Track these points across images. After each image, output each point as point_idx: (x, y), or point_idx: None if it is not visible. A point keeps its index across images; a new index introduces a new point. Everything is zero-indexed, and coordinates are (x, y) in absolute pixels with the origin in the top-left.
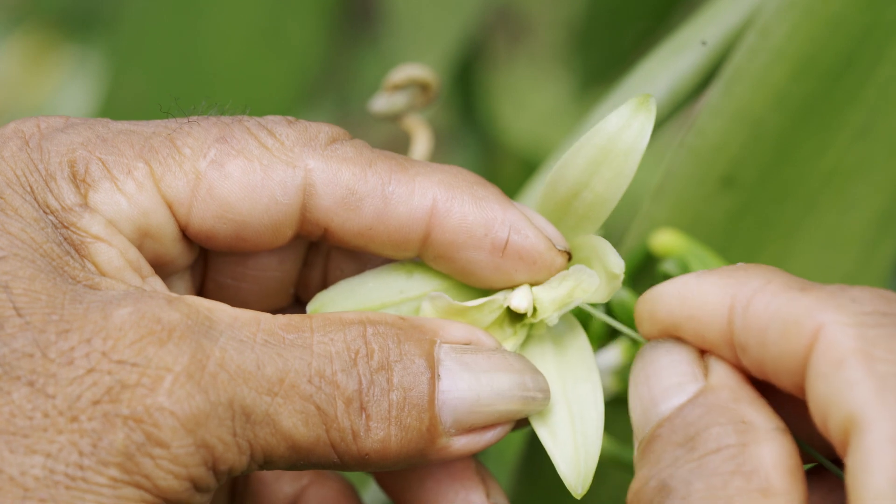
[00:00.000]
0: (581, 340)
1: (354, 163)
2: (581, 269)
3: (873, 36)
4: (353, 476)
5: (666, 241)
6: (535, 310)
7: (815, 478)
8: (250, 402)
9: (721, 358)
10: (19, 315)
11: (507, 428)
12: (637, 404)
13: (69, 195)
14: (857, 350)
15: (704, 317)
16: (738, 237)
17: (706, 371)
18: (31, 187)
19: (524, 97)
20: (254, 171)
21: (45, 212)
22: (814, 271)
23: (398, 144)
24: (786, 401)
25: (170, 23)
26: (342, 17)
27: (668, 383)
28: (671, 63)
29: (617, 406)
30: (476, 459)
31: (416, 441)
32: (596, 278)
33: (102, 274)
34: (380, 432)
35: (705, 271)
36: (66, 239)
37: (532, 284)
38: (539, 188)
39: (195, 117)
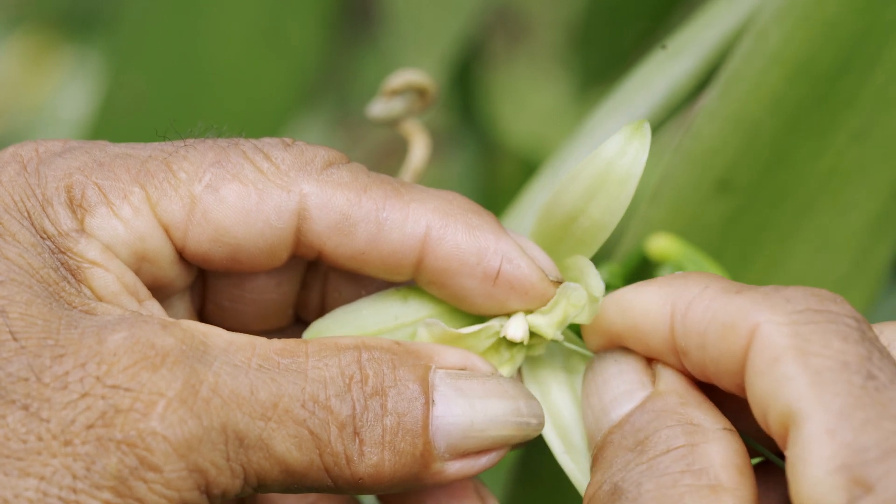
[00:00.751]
0: None
1: (349, 188)
2: (568, 286)
3: (869, 40)
4: None
5: (662, 245)
6: (531, 335)
7: (763, 472)
8: (243, 427)
9: (667, 364)
10: (15, 339)
11: (503, 453)
12: (589, 413)
13: (66, 220)
14: (792, 347)
15: (647, 326)
16: (734, 240)
17: (654, 378)
18: (28, 213)
19: (523, 98)
20: (248, 195)
21: (42, 237)
22: (809, 274)
23: (396, 149)
24: (730, 401)
25: (169, 23)
26: (342, 17)
27: (617, 391)
28: (668, 67)
29: None
30: (475, 477)
31: (410, 466)
32: (582, 293)
33: (99, 299)
34: (373, 457)
35: (643, 282)
36: (62, 264)
37: (526, 312)
38: (535, 214)
39: (192, 140)
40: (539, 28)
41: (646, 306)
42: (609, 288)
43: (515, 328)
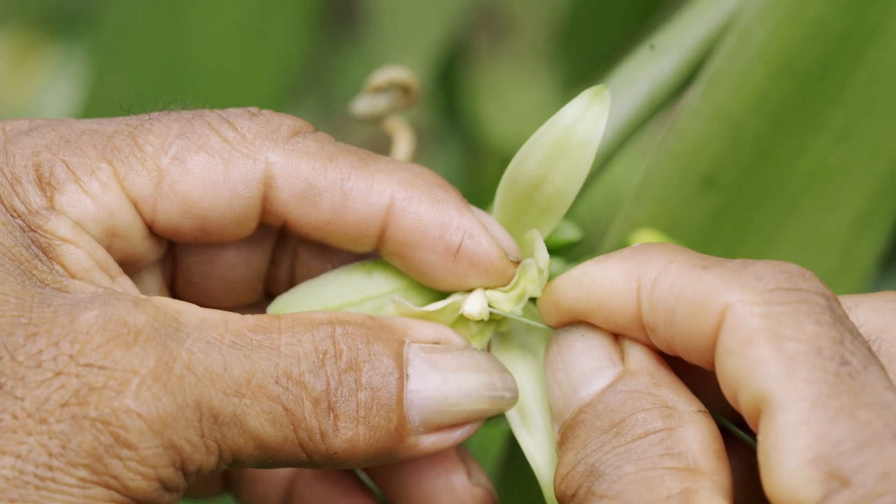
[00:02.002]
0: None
1: (315, 157)
2: (527, 263)
3: (853, 39)
4: None
5: (645, 241)
6: (494, 312)
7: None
8: (217, 404)
9: (635, 340)
10: None
11: (477, 426)
12: (556, 389)
13: (35, 198)
14: (765, 329)
15: (613, 303)
16: (717, 238)
17: (622, 354)
18: None
19: (507, 96)
20: (215, 165)
21: (12, 215)
22: None
23: (380, 146)
24: (695, 372)
25: (153, 22)
26: (325, 16)
27: (585, 368)
28: (652, 64)
29: None
30: (464, 449)
31: (385, 440)
32: (533, 268)
33: (71, 276)
34: (348, 432)
35: (603, 256)
36: (34, 242)
37: (486, 288)
38: (499, 185)
39: (157, 113)
40: (523, 27)
41: (611, 284)
42: None
43: (472, 304)
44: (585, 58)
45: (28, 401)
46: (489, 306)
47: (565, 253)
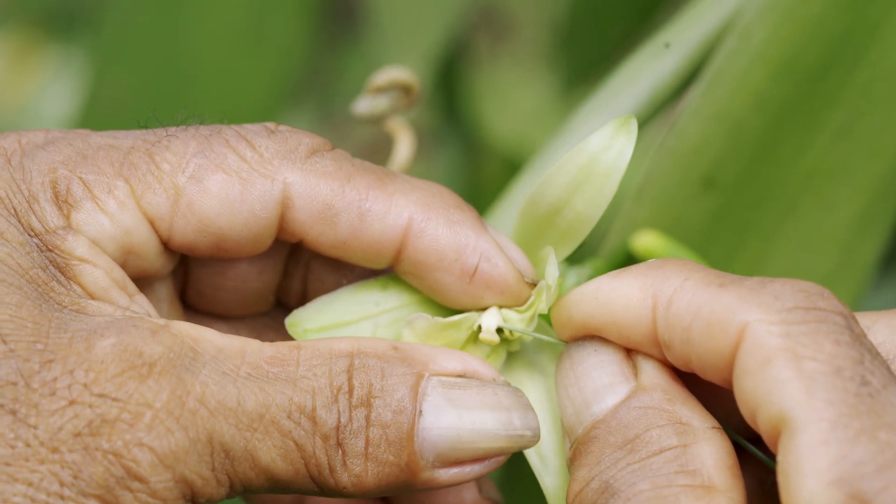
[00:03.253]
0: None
1: (333, 177)
2: (543, 285)
3: (853, 38)
4: None
5: (647, 242)
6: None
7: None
8: (229, 439)
9: (648, 356)
10: (4, 342)
11: (499, 461)
12: (568, 405)
13: (52, 217)
14: (784, 349)
15: (627, 319)
16: (718, 238)
17: (635, 370)
18: (14, 209)
19: (507, 96)
20: (232, 185)
21: (29, 234)
22: (794, 272)
23: (381, 147)
24: (708, 388)
25: (152, 22)
26: (325, 16)
27: (598, 384)
28: (652, 65)
29: None
30: None
31: (396, 475)
32: (544, 287)
33: (90, 295)
34: (356, 468)
35: (618, 272)
36: (51, 262)
37: (501, 306)
38: (519, 205)
39: (174, 129)
40: (523, 27)
41: (626, 300)
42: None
43: (488, 321)
44: (586, 58)
45: (41, 429)
46: (500, 324)
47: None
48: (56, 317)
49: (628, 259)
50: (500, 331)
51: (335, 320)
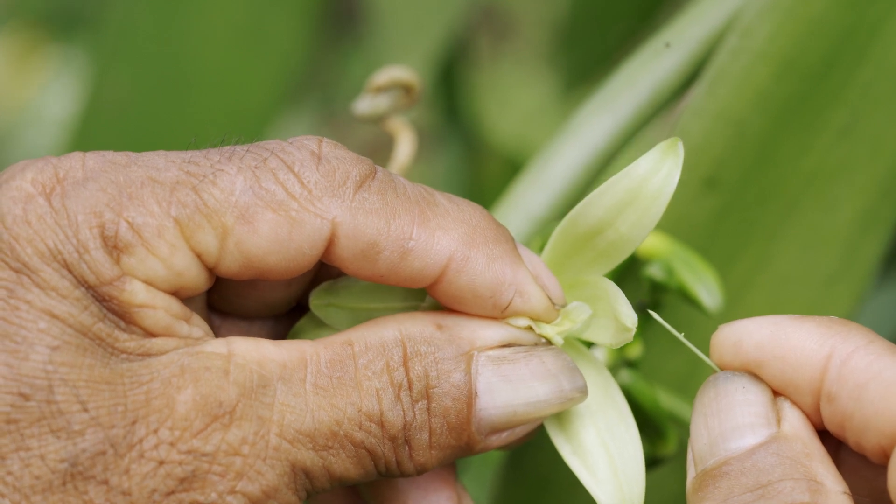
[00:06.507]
0: (606, 383)
1: (379, 214)
2: (581, 308)
3: (855, 37)
4: None
5: (650, 243)
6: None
7: None
8: (310, 464)
9: (795, 404)
10: (85, 410)
11: (544, 420)
12: (703, 433)
13: (105, 267)
14: None
15: (798, 360)
16: (720, 238)
17: (778, 416)
18: (65, 261)
19: (508, 97)
20: (281, 226)
21: (83, 286)
22: (796, 272)
23: (381, 146)
24: (843, 459)
25: (154, 23)
26: (326, 17)
27: (740, 422)
28: (654, 64)
29: None
30: (455, 472)
31: (455, 454)
32: (586, 311)
33: (152, 335)
34: (421, 458)
35: (799, 317)
36: (109, 310)
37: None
38: (559, 224)
39: (215, 155)
40: (524, 27)
41: (802, 342)
42: None
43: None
44: (586, 58)
45: (136, 495)
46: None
47: None
48: (127, 371)
49: (630, 259)
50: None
51: (360, 305)
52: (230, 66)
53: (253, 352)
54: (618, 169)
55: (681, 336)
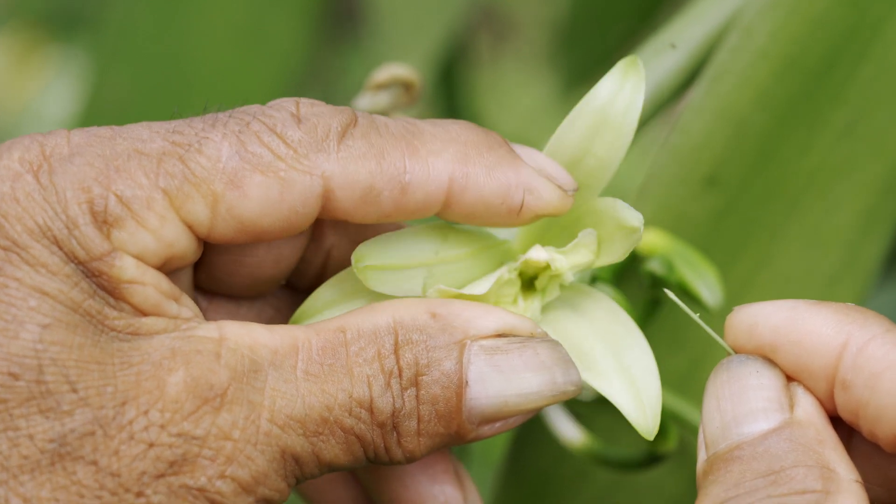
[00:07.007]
0: (612, 307)
1: (368, 157)
2: (589, 232)
3: (857, 35)
4: None
5: (650, 240)
6: (541, 277)
7: None
8: (300, 449)
9: (808, 390)
10: (74, 391)
11: (537, 412)
12: (716, 417)
13: (96, 242)
14: None
15: (813, 345)
16: (721, 237)
17: (791, 402)
18: (55, 237)
19: (509, 96)
20: (271, 187)
21: (73, 262)
22: (798, 271)
23: None
24: (855, 446)
25: (153, 23)
26: (326, 16)
27: (754, 406)
28: (654, 62)
29: (600, 405)
30: (454, 459)
31: (445, 441)
32: (593, 233)
33: (141, 312)
34: (409, 445)
35: (816, 302)
36: (99, 286)
37: (543, 244)
38: None
39: (198, 123)
40: (524, 27)
41: (819, 327)
42: (596, 279)
43: (538, 250)
44: (586, 58)
45: (124, 476)
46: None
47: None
48: (117, 350)
49: (631, 256)
50: (538, 289)
51: (395, 262)
52: (230, 66)
53: (245, 336)
54: (621, 167)
55: (696, 317)
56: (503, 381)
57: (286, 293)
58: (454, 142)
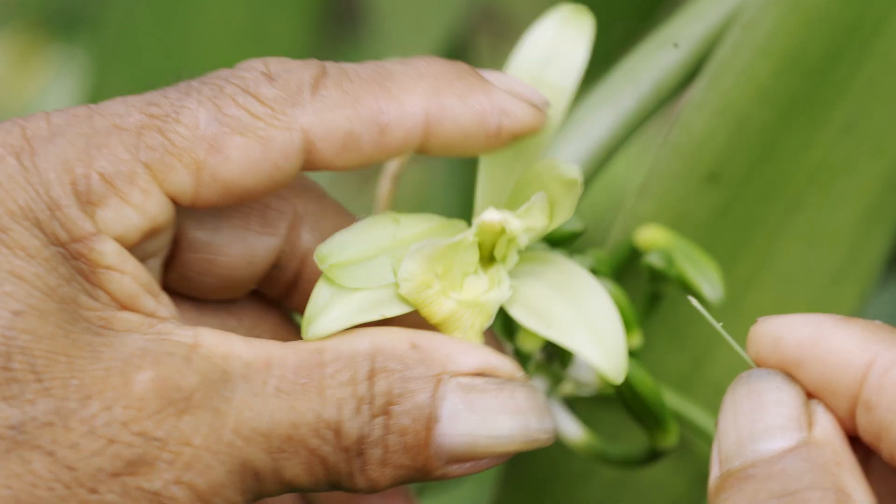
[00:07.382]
0: (568, 265)
1: (343, 105)
2: (539, 195)
3: (858, 31)
4: None
5: (651, 236)
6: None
7: None
8: (261, 464)
9: (829, 408)
10: (39, 381)
11: (509, 456)
12: (732, 432)
13: (78, 224)
14: None
15: (838, 364)
16: (722, 234)
17: (810, 420)
18: (37, 219)
19: None
20: (252, 147)
21: (53, 244)
22: (800, 269)
23: None
24: (872, 468)
25: (154, 22)
26: (326, 16)
27: (771, 423)
28: (655, 59)
29: (602, 403)
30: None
31: (410, 475)
32: (542, 195)
33: (117, 303)
34: (373, 473)
35: (844, 318)
36: (77, 270)
37: (498, 208)
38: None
39: (173, 93)
40: (524, 27)
41: (843, 344)
42: (595, 275)
43: (491, 211)
44: None
45: (80, 470)
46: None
47: (567, 244)
48: (88, 344)
49: (632, 253)
50: (497, 260)
51: (357, 255)
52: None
53: (220, 346)
54: (621, 164)
55: (718, 326)
56: (476, 421)
57: (256, 304)
58: (424, 77)
